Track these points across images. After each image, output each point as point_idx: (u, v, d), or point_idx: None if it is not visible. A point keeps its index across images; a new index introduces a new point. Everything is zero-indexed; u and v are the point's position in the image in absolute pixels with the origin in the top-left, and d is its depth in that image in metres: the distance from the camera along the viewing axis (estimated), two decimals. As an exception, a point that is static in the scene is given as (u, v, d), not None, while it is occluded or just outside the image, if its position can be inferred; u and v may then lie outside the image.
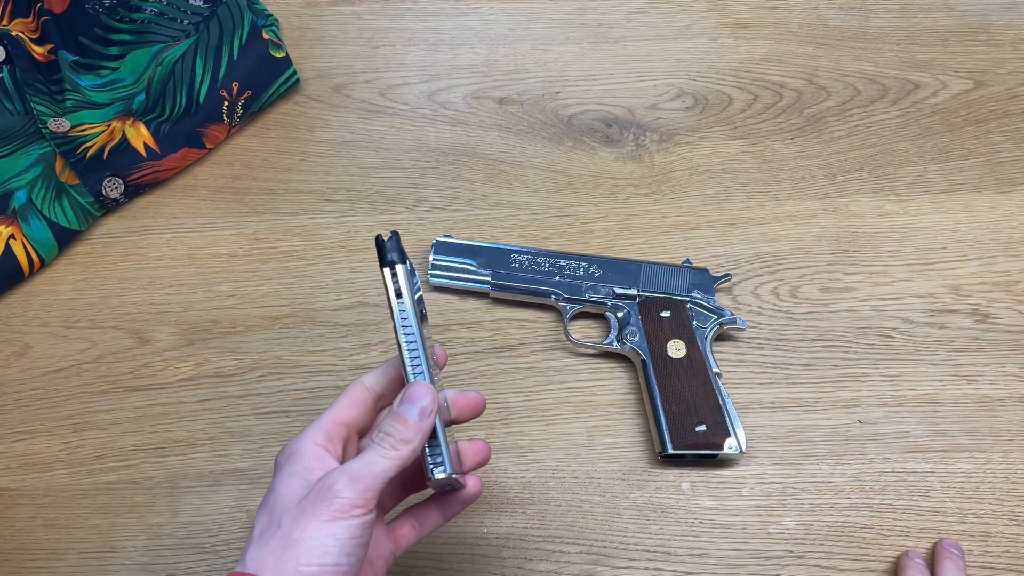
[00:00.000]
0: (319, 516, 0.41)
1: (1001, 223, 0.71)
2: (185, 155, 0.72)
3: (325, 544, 0.40)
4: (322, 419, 0.46)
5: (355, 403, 0.47)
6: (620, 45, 0.80)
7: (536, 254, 0.67)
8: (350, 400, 0.47)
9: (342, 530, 0.41)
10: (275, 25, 0.76)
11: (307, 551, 0.40)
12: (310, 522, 0.41)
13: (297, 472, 0.44)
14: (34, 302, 0.67)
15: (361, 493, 0.42)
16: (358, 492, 0.42)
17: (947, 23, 0.81)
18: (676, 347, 0.63)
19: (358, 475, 0.42)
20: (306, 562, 0.40)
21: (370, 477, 0.42)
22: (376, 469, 0.43)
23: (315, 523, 0.41)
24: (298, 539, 0.41)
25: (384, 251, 0.46)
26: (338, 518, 0.41)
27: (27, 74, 0.71)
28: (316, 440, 0.45)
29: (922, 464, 0.61)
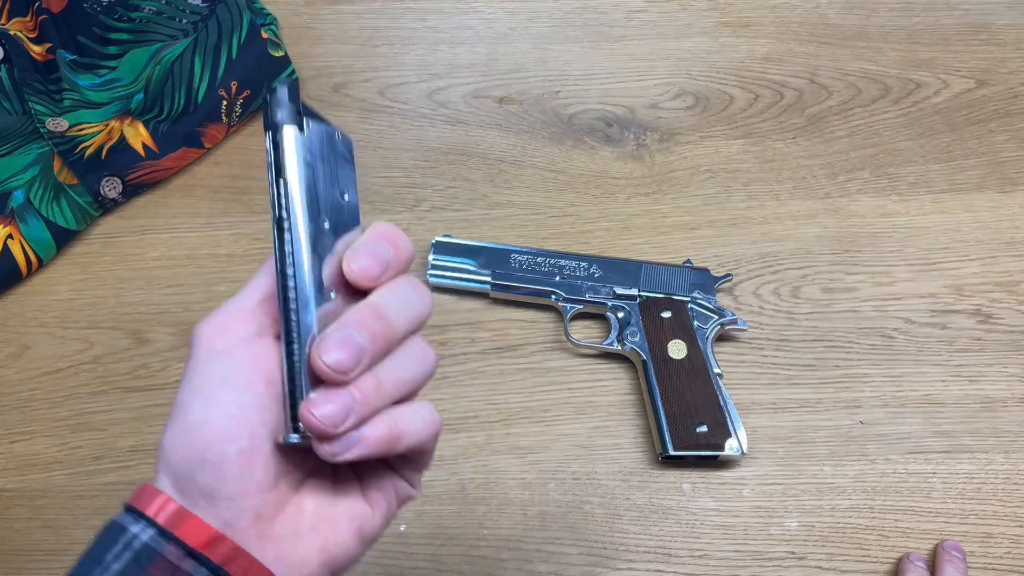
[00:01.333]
0: (187, 374, 0.33)
1: (1003, 223, 0.71)
2: (184, 155, 0.72)
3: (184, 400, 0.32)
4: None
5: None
6: (621, 44, 0.80)
7: (536, 254, 0.67)
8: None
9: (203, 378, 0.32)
10: (274, 24, 0.76)
11: (172, 419, 0.33)
12: (182, 383, 0.33)
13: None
14: (32, 302, 0.67)
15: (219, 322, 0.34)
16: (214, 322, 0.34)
17: (949, 22, 0.81)
18: (677, 347, 0.63)
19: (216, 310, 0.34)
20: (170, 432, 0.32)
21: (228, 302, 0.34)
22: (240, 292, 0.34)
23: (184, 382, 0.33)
24: (182, 401, 0.33)
25: (271, 107, 0.33)
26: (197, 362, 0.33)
27: (25, 73, 0.70)
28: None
29: (924, 465, 0.61)
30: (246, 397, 0.32)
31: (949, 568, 0.56)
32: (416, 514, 0.59)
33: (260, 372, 0.33)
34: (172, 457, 0.32)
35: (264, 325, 0.34)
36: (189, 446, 0.32)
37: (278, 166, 0.33)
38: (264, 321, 0.34)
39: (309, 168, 0.34)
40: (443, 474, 0.60)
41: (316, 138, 0.34)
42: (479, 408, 0.63)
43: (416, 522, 0.59)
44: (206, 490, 0.32)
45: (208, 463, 0.32)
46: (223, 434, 0.32)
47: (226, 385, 0.32)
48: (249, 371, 0.33)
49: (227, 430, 0.32)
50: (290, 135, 0.33)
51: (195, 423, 0.32)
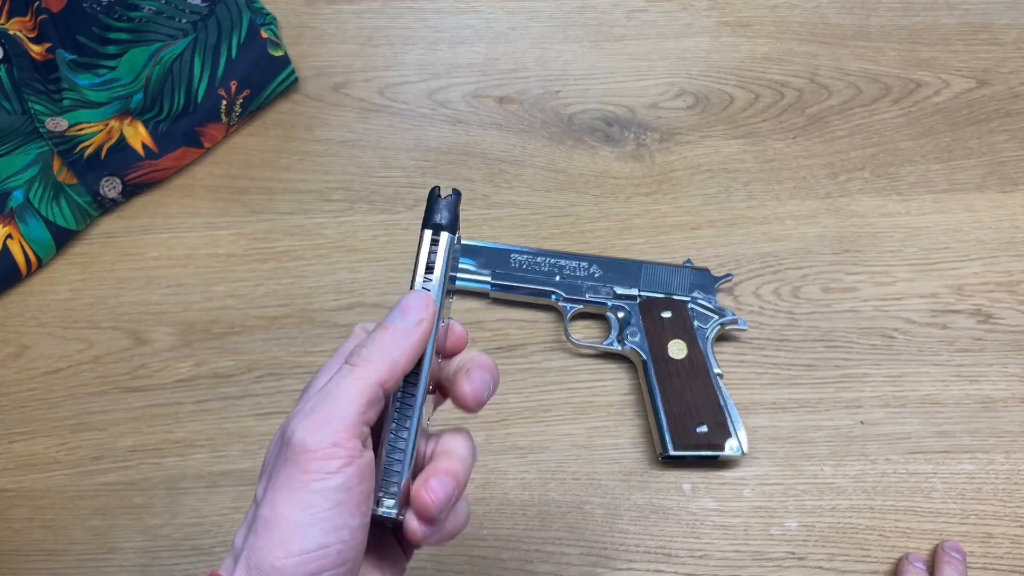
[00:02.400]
0: (287, 484, 0.32)
1: (1004, 223, 0.71)
2: (183, 154, 0.71)
3: (302, 523, 0.32)
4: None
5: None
6: (621, 44, 0.80)
7: (536, 254, 0.67)
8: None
9: (317, 498, 0.32)
10: (273, 24, 0.76)
11: (280, 536, 0.32)
12: (279, 495, 0.32)
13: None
14: (31, 302, 0.67)
15: (328, 437, 0.32)
16: (324, 437, 0.32)
17: (949, 22, 0.81)
18: (677, 347, 0.62)
19: (317, 414, 0.33)
20: (282, 552, 0.32)
21: (338, 410, 0.33)
22: (344, 397, 0.33)
23: (284, 494, 0.32)
24: (269, 521, 0.32)
25: (433, 208, 0.37)
26: (309, 481, 0.32)
27: (24, 73, 0.70)
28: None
29: (924, 465, 0.61)
30: (355, 520, 0.33)
31: (948, 569, 0.56)
32: (416, 514, 0.59)
33: (362, 493, 0.33)
34: (273, 573, 0.32)
35: (364, 435, 0.34)
36: (304, 571, 0.32)
37: (429, 265, 0.37)
38: (364, 432, 0.34)
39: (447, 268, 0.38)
40: (443, 474, 0.60)
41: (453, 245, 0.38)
42: (479, 408, 0.63)
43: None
44: None
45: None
46: (336, 560, 0.33)
47: (340, 508, 0.33)
48: (359, 493, 0.33)
49: (340, 556, 0.33)
50: (445, 241, 0.37)
51: (312, 548, 0.32)
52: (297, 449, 0.32)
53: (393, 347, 0.35)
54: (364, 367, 0.34)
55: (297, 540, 0.32)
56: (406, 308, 0.36)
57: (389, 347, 0.35)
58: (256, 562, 0.32)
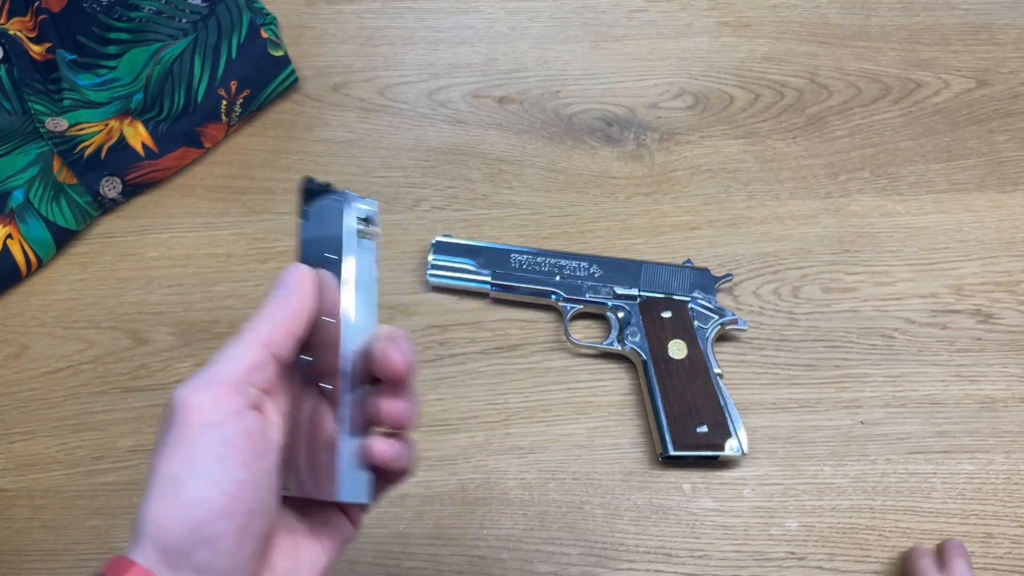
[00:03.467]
0: (166, 443, 0.33)
1: (1004, 223, 0.71)
2: (183, 154, 0.71)
3: (178, 475, 0.32)
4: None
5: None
6: (621, 44, 0.80)
7: (536, 254, 0.67)
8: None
9: (196, 452, 0.32)
10: (274, 24, 0.76)
11: (161, 491, 0.32)
12: (161, 455, 0.33)
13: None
14: (32, 302, 0.67)
15: (208, 394, 0.33)
16: (203, 395, 0.33)
17: (949, 22, 0.81)
18: (677, 347, 0.63)
19: (198, 377, 0.34)
20: (162, 507, 0.32)
21: (214, 371, 0.34)
22: (223, 357, 0.34)
23: (164, 453, 0.33)
24: (152, 481, 0.33)
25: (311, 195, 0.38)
26: (189, 436, 0.33)
27: (25, 73, 0.70)
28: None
29: (924, 465, 0.61)
30: (243, 474, 0.33)
31: (960, 563, 0.55)
32: (416, 514, 0.59)
33: (253, 448, 0.34)
34: (163, 532, 0.32)
35: (252, 397, 0.34)
36: (184, 523, 0.32)
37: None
38: (251, 392, 0.35)
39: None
40: (443, 474, 0.60)
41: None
42: (479, 408, 0.63)
43: (416, 522, 0.59)
44: (201, 566, 0.32)
45: (205, 540, 0.32)
46: (222, 512, 0.32)
47: (224, 462, 0.33)
48: (245, 447, 0.33)
49: (226, 508, 0.32)
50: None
51: (192, 500, 0.32)
52: (177, 409, 0.33)
53: (273, 311, 0.36)
54: (245, 332, 0.36)
55: (176, 493, 0.32)
56: (281, 281, 0.38)
57: (269, 311, 0.36)
58: (142, 525, 0.32)
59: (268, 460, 0.34)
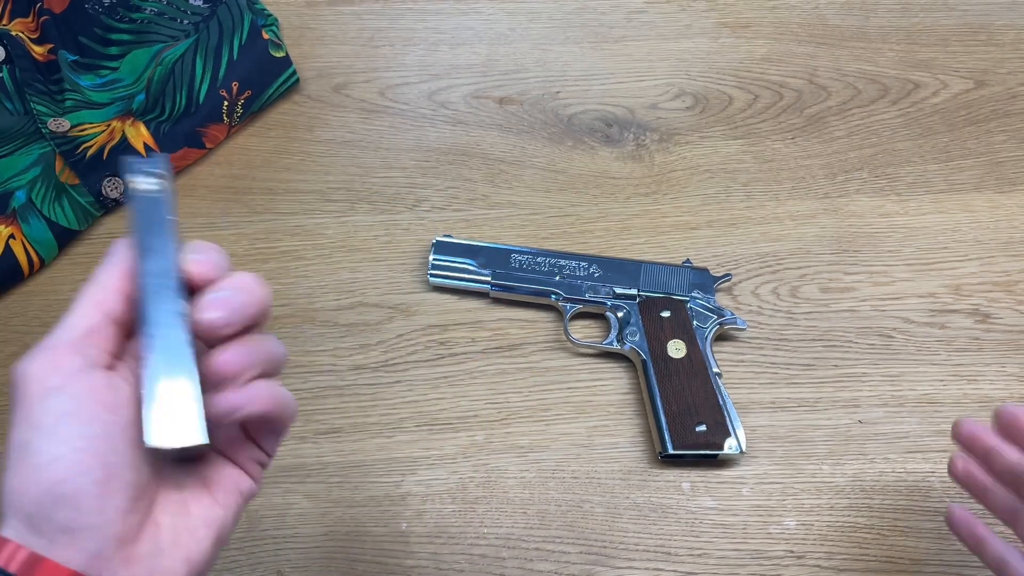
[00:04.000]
0: (13, 417, 0.33)
1: (1002, 223, 0.71)
2: (185, 155, 0.72)
3: (25, 441, 0.32)
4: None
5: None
6: (620, 45, 0.80)
7: (536, 254, 0.67)
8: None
9: (39, 415, 0.32)
10: (275, 25, 0.76)
11: (12, 461, 0.32)
12: (11, 429, 0.33)
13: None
14: (34, 302, 0.67)
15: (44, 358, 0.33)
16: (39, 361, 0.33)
17: (947, 23, 0.81)
18: (676, 347, 0.63)
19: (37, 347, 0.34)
20: (14, 473, 0.32)
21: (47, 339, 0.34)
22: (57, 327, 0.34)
23: (13, 426, 0.33)
24: (3, 453, 0.32)
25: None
26: (30, 403, 0.32)
27: (27, 74, 0.70)
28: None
29: (922, 464, 0.61)
30: (93, 428, 0.32)
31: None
32: (416, 513, 0.59)
33: (100, 403, 0.33)
34: (22, 499, 0.31)
35: (92, 357, 0.34)
36: (40, 485, 0.31)
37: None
38: (92, 353, 0.34)
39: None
40: (443, 473, 0.61)
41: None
42: (479, 408, 0.63)
43: (416, 521, 0.59)
44: (66, 525, 0.31)
45: (63, 499, 0.31)
46: (76, 468, 0.32)
47: (69, 419, 0.32)
48: (90, 402, 0.33)
49: (79, 463, 0.32)
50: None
51: (43, 462, 0.31)
52: (17, 381, 0.33)
53: (101, 276, 0.37)
54: (77, 300, 0.36)
55: (27, 458, 0.32)
56: (108, 252, 0.38)
57: (98, 277, 0.37)
58: (4, 497, 0.32)
59: (120, 414, 0.33)
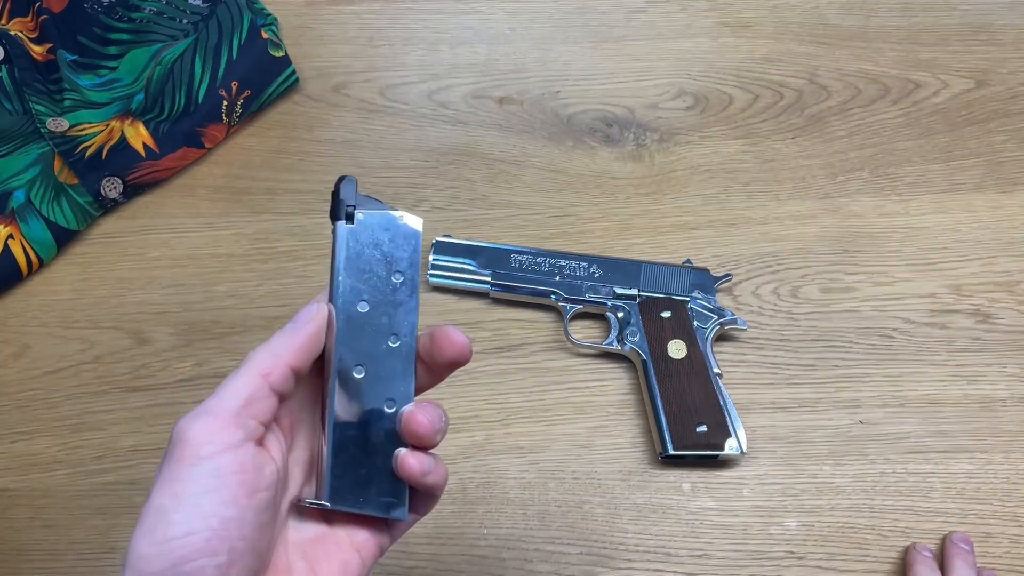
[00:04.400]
0: (162, 475, 0.33)
1: (1003, 223, 0.71)
2: (184, 155, 0.72)
3: (167, 508, 0.32)
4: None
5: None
6: (620, 44, 0.80)
7: (536, 254, 0.67)
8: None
9: (187, 484, 0.32)
10: (274, 24, 0.76)
11: (150, 523, 0.32)
12: (155, 486, 0.33)
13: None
14: (33, 302, 0.67)
15: (204, 425, 0.33)
16: (199, 426, 0.33)
17: (948, 22, 0.81)
18: (677, 347, 0.63)
19: (199, 408, 0.34)
20: (148, 539, 0.32)
21: (213, 403, 0.34)
22: (224, 389, 0.35)
23: (158, 485, 0.33)
24: (144, 512, 0.32)
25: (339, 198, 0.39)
26: (181, 468, 0.33)
27: (26, 73, 0.70)
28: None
29: (923, 465, 0.61)
30: (230, 511, 0.33)
31: (958, 562, 0.56)
32: (416, 514, 0.59)
33: (244, 484, 0.33)
34: (146, 565, 0.32)
35: (250, 429, 0.35)
36: (167, 558, 0.32)
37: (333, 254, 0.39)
38: (250, 425, 0.35)
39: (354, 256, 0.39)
40: (443, 474, 0.60)
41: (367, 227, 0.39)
42: (479, 408, 0.63)
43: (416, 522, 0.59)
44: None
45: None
46: (204, 548, 0.32)
47: (211, 496, 0.33)
48: (236, 482, 0.33)
49: (209, 544, 0.32)
50: (341, 229, 0.39)
51: (175, 535, 0.32)
52: (175, 440, 0.33)
53: (277, 344, 0.36)
54: (247, 364, 0.36)
55: (163, 526, 0.32)
56: (296, 317, 0.38)
57: (273, 345, 0.36)
58: (128, 555, 0.32)
59: (259, 497, 0.34)
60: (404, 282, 0.40)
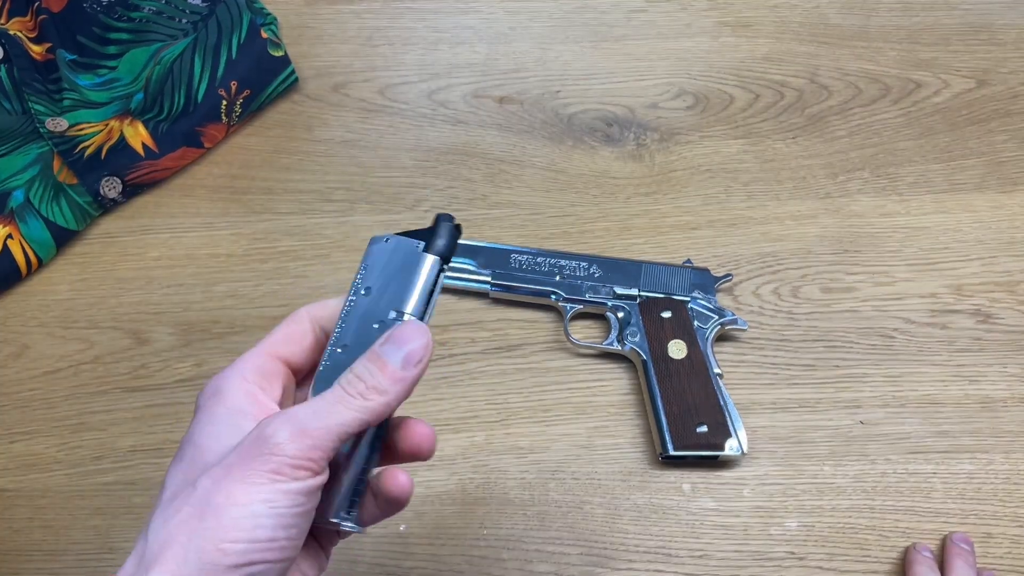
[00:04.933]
0: (251, 477, 0.32)
1: (1003, 223, 0.71)
2: (183, 154, 0.72)
3: (257, 513, 0.32)
4: (255, 350, 0.37)
5: (296, 337, 0.38)
6: (620, 44, 0.80)
7: (536, 254, 0.67)
8: (290, 331, 0.38)
9: (281, 496, 0.32)
10: (274, 24, 0.76)
11: (233, 522, 0.31)
12: (237, 485, 0.32)
13: (223, 417, 0.35)
14: (32, 302, 0.67)
15: (309, 449, 0.33)
16: (305, 447, 0.33)
17: (949, 22, 0.81)
18: (677, 347, 0.63)
19: (306, 426, 0.33)
20: (232, 537, 0.31)
21: (323, 430, 0.33)
22: (332, 421, 0.34)
23: (244, 486, 0.32)
24: (220, 505, 0.32)
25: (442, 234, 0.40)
26: (277, 480, 0.32)
27: (25, 73, 0.70)
28: (246, 376, 0.36)
29: (924, 465, 0.61)
30: (302, 526, 0.34)
31: (958, 562, 0.56)
32: (416, 514, 0.59)
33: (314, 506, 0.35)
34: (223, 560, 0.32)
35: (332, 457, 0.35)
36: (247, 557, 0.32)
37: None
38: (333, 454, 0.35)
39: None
40: (443, 474, 0.60)
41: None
42: (479, 408, 0.63)
43: (416, 522, 0.59)
44: None
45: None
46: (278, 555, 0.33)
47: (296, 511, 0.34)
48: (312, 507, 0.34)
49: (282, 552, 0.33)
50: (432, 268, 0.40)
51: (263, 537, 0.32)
52: (275, 450, 0.33)
53: (390, 389, 0.35)
54: (360, 401, 0.35)
55: (250, 528, 0.32)
56: (403, 340, 0.36)
57: (386, 388, 0.35)
58: (199, 545, 0.31)
59: (312, 513, 0.35)
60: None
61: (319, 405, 0.34)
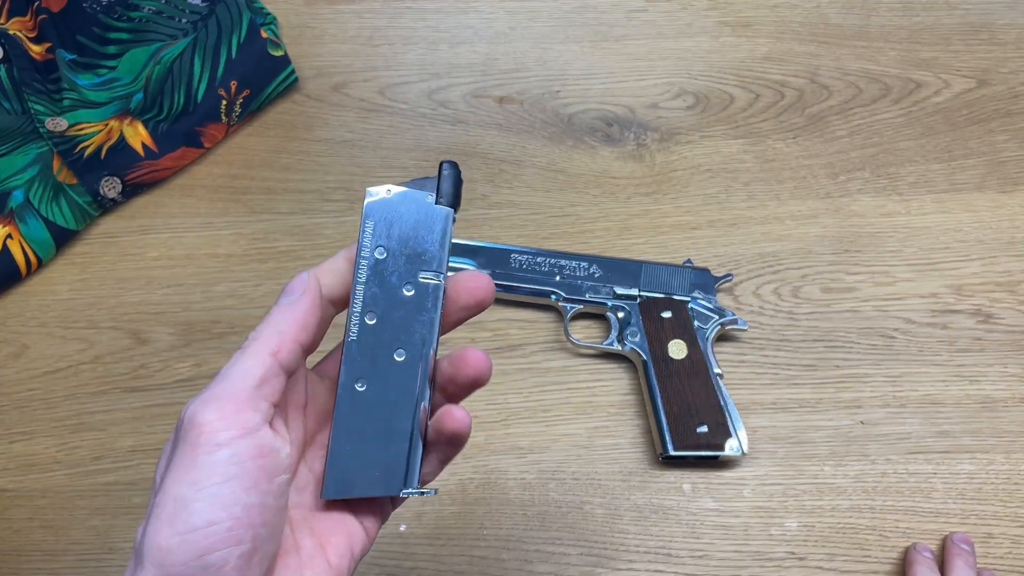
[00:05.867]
0: (176, 464, 0.32)
1: (1004, 223, 0.71)
2: (183, 154, 0.71)
3: (186, 497, 0.31)
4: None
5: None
6: (621, 43, 0.79)
7: (536, 254, 0.67)
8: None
9: (205, 472, 0.32)
10: (274, 24, 0.76)
11: (168, 514, 0.31)
12: (170, 475, 0.32)
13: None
14: (32, 302, 0.67)
15: (217, 410, 0.32)
16: (212, 410, 0.32)
17: (949, 22, 0.81)
18: (677, 347, 0.62)
19: (209, 391, 0.33)
20: (168, 531, 0.31)
21: (224, 386, 0.33)
22: (232, 371, 0.34)
23: (173, 475, 0.32)
24: (160, 502, 0.32)
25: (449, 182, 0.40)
26: (196, 456, 0.32)
27: (24, 73, 0.70)
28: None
29: (924, 465, 0.61)
30: (252, 497, 0.32)
31: (959, 562, 0.56)
32: (416, 514, 0.59)
33: (263, 468, 0.33)
34: (167, 557, 0.31)
35: (265, 411, 0.34)
36: (190, 549, 0.31)
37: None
38: (264, 407, 0.34)
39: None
40: (443, 474, 0.60)
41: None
42: (479, 408, 0.63)
43: (416, 522, 0.59)
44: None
45: (209, 567, 0.31)
46: (228, 538, 0.31)
47: (232, 483, 0.32)
48: (256, 468, 0.33)
49: (232, 533, 0.32)
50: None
51: (199, 525, 0.31)
52: (187, 426, 0.32)
53: (279, 321, 0.35)
54: (252, 344, 0.35)
55: (183, 517, 0.31)
56: (287, 289, 0.37)
57: (275, 321, 0.35)
58: (147, 549, 0.31)
59: (278, 481, 0.34)
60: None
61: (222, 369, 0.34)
